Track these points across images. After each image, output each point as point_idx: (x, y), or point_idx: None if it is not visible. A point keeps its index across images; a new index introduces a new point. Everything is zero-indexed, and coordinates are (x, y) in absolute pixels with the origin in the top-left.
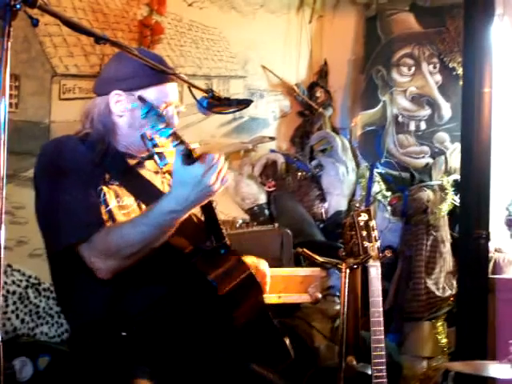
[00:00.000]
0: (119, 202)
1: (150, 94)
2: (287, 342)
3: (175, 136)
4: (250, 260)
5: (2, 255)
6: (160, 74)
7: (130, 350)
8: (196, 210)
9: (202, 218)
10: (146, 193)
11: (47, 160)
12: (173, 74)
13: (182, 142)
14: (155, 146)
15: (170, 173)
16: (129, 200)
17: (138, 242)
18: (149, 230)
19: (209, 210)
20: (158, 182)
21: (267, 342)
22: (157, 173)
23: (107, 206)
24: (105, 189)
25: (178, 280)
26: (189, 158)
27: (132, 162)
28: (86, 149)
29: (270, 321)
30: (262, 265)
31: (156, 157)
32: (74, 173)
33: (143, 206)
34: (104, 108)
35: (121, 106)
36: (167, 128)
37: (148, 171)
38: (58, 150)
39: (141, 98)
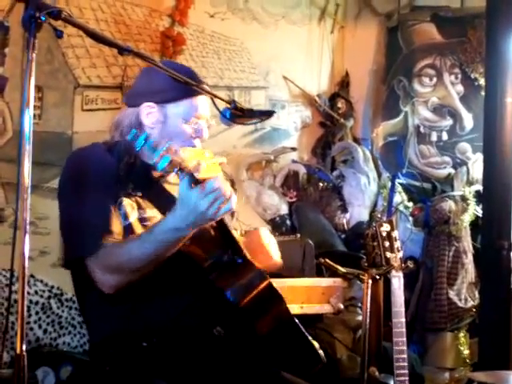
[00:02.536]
0: (142, 214)
1: (181, 107)
2: (316, 345)
3: (172, 165)
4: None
5: (27, 265)
6: (190, 88)
7: (151, 361)
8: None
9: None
10: (169, 206)
11: (70, 171)
12: (195, 85)
13: (181, 169)
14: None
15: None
16: (152, 212)
17: (141, 258)
18: (152, 246)
19: (221, 226)
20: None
21: (295, 348)
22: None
23: (127, 219)
24: (127, 201)
25: (196, 293)
26: (191, 182)
27: (156, 174)
28: (111, 158)
29: (297, 326)
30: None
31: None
32: (95, 185)
33: None
34: (135, 119)
35: (152, 117)
36: (163, 158)
37: (170, 185)
38: (82, 160)
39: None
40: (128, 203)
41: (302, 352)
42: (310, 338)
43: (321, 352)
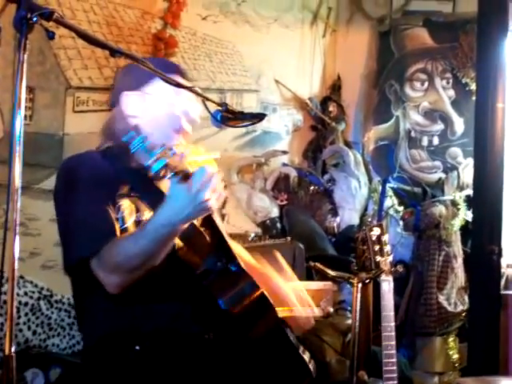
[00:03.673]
0: (139, 217)
1: (159, 85)
2: (306, 358)
3: (167, 168)
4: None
5: (16, 266)
6: (169, 66)
7: (143, 365)
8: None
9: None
10: None
11: (65, 174)
12: (187, 87)
13: (176, 173)
14: (173, 155)
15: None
16: (149, 215)
17: (138, 255)
18: (147, 243)
19: (216, 232)
20: None
21: (284, 360)
22: None
23: (124, 223)
24: (125, 203)
25: (190, 299)
26: (181, 178)
27: (151, 173)
28: (106, 163)
29: (287, 338)
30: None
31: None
32: (91, 187)
33: None
34: (120, 116)
35: (133, 106)
36: (158, 161)
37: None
38: (77, 164)
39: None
40: (126, 206)
41: (290, 365)
42: (300, 350)
43: (311, 365)
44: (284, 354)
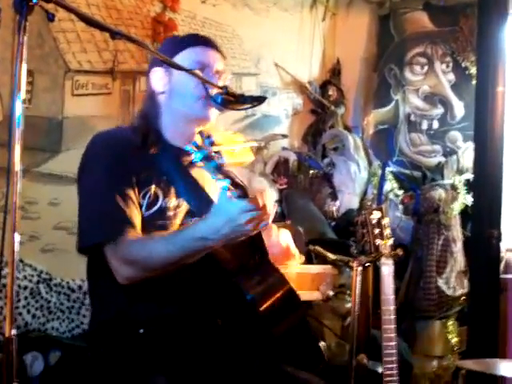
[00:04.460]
0: (166, 203)
1: (181, 57)
2: (321, 345)
3: (231, 182)
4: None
5: (16, 250)
6: (195, 38)
7: (145, 349)
8: None
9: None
10: (194, 195)
11: (93, 154)
12: (188, 70)
13: (235, 187)
14: (212, 144)
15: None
16: (176, 201)
17: (162, 258)
18: (175, 250)
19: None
20: (207, 179)
21: (303, 346)
22: None
23: (150, 208)
24: (153, 188)
25: (216, 294)
26: (235, 195)
27: (184, 158)
28: (133, 141)
29: (308, 328)
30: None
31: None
32: (118, 171)
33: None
34: (148, 93)
35: (160, 81)
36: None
37: (199, 169)
38: (104, 146)
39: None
40: (154, 191)
41: (307, 350)
42: (316, 337)
43: (324, 352)
44: (304, 341)
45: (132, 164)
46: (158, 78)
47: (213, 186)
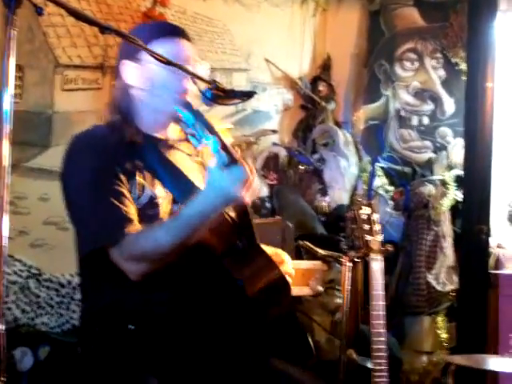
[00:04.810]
0: (152, 192)
1: (156, 48)
2: (310, 340)
3: (221, 143)
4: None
5: (5, 245)
6: (166, 27)
7: (138, 347)
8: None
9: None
10: (177, 182)
11: (75, 158)
12: (175, 64)
13: (224, 148)
14: (194, 125)
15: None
16: (162, 190)
17: (170, 244)
18: (181, 232)
19: (244, 212)
20: (189, 165)
21: (292, 339)
22: (190, 155)
23: (139, 200)
24: (138, 179)
25: (206, 279)
26: (228, 161)
27: (163, 146)
28: (114, 139)
29: (296, 319)
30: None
31: (192, 139)
32: (104, 170)
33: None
34: (120, 86)
35: (132, 74)
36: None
37: (181, 153)
38: (85, 146)
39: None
40: (140, 182)
41: (297, 346)
42: (305, 331)
43: (313, 347)
44: (292, 333)
45: (116, 159)
46: (131, 72)
47: (195, 172)
